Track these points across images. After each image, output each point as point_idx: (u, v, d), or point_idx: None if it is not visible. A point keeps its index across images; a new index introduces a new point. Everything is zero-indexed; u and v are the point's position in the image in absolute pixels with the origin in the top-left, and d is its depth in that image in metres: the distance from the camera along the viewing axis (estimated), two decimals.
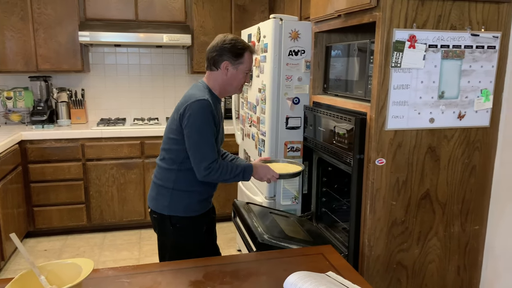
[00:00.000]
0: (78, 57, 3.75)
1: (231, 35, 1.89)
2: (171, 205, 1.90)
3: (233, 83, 1.89)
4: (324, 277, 1.42)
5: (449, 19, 1.71)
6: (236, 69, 1.87)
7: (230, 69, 1.86)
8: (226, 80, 1.88)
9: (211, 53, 1.86)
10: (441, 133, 1.80)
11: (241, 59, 1.86)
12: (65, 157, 3.58)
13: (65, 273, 1.24)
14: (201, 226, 1.96)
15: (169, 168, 1.89)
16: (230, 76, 1.87)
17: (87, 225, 3.75)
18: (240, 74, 1.88)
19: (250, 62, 1.90)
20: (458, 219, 1.91)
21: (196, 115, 1.76)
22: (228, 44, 1.84)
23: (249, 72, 1.93)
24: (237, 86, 1.92)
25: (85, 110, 4.03)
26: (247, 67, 1.89)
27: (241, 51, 1.85)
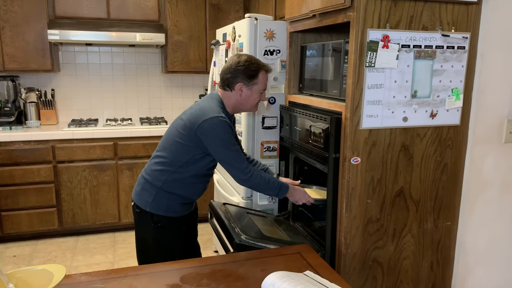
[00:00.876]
0: (48, 56, 3.64)
1: (246, 56, 1.88)
2: (154, 203, 1.92)
3: (247, 104, 1.91)
4: (302, 277, 1.42)
5: (421, 20, 1.74)
6: (250, 90, 1.88)
7: (244, 90, 1.88)
8: (240, 100, 1.90)
9: (226, 74, 1.88)
10: (414, 132, 1.84)
11: (255, 80, 1.87)
12: (35, 160, 3.47)
13: (35, 280, 1.19)
14: (181, 226, 1.98)
15: (163, 169, 1.90)
16: (244, 96, 1.89)
17: (58, 229, 3.64)
18: (254, 94, 1.90)
19: (265, 81, 1.90)
20: (431, 216, 1.95)
21: (219, 130, 1.79)
22: (242, 66, 1.85)
23: (264, 90, 1.93)
24: (251, 105, 1.94)
25: (55, 110, 3.92)
26: (262, 87, 1.90)
27: (255, 72, 1.86)
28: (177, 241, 1.99)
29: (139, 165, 3.71)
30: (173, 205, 1.93)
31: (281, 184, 1.92)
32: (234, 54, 1.93)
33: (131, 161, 3.69)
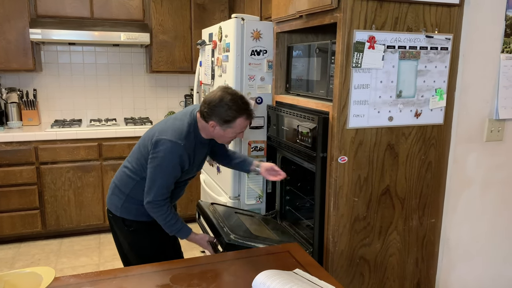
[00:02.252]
0: (29, 56, 3.57)
1: (230, 96, 1.74)
2: (123, 208, 1.94)
3: (218, 139, 1.86)
4: (292, 275, 1.43)
5: (405, 21, 1.78)
6: (223, 130, 1.79)
7: (217, 128, 1.79)
8: (212, 134, 1.83)
9: (204, 105, 1.77)
10: (399, 131, 1.87)
11: (231, 124, 1.77)
12: (17, 161, 3.41)
13: (24, 283, 1.18)
14: (154, 230, 1.92)
15: (130, 176, 1.92)
16: (217, 133, 1.82)
17: (42, 232, 3.58)
18: (228, 134, 1.81)
19: (243, 127, 1.81)
20: (416, 213, 1.99)
21: (165, 155, 1.75)
22: (221, 107, 1.73)
23: (240, 132, 1.84)
24: (223, 141, 1.88)
25: (37, 111, 3.85)
26: (237, 131, 1.81)
27: (232, 118, 1.75)
28: (152, 245, 1.96)
29: None
30: (143, 210, 1.88)
31: (182, 228, 1.87)
32: (222, 86, 1.80)
33: (116, 162, 3.65)
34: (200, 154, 1.92)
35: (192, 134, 1.83)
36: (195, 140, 1.84)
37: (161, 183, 1.79)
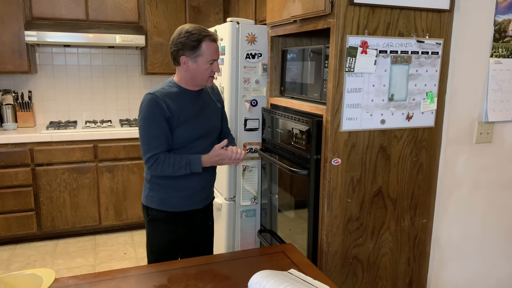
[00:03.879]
0: (24, 58, 3.58)
1: (189, 25, 1.77)
2: (149, 196, 1.93)
3: (197, 77, 1.81)
4: (287, 275, 1.47)
5: (397, 27, 1.82)
6: (196, 62, 1.77)
7: (189, 64, 1.78)
8: (189, 74, 1.80)
9: (170, 48, 1.81)
10: (391, 134, 1.92)
11: (198, 51, 1.75)
12: (12, 163, 3.41)
13: (24, 285, 1.20)
14: (177, 225, 1.92)
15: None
16: (192, 70, 1.79)
17: (37, 233, 3.59)
18: (202, 67, 1.78)
19: (211, 51, 1.77)
20: (408, 214, 2.04)
21: (142, 108, 1.81)
22: (183, 37, 1.75)
23: (214, 61, 1.80)
24: (203, 79, 1.82)
25: (32, 113, 3.85)
26: (209, 57, 1.77)
27: (196, 43, 1.74)
28: (167, 238, 1.92)
29: (120, 167, 3.69)
30: (167, 198, 1.88)
31: (190, 160, 1.81)
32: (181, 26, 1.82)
33: (112, 163, 3.67)
34: (191, 107, 1.85)
35: (173, 86, 1.83)
36: (177, 90, 1.83)
37: (150, 135, 1.78)
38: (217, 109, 2.01)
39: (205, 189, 1.98)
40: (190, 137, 1.85)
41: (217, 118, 1.99)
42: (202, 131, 1.88)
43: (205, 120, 1.90)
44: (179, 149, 1.85)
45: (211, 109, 1.95)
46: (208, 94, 1.96)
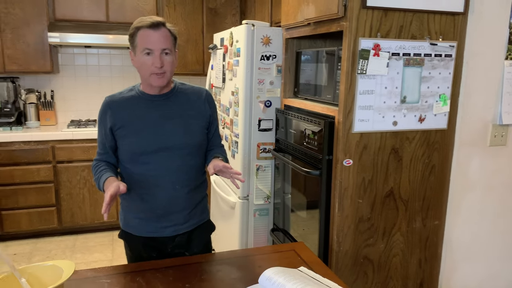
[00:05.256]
0: (47, 58, 3.70)
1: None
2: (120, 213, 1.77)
3: (142, 73, 1.56)
4: (297, 272, 1.50)
5: (410, 29, 1.83)
6: (135, 54, 1.54)
7: (134, 58, 1.56)
8: (138, 70, 1.57)
9: None
10: (403, 135, 1.93)
11: (134, 42, 1.52)
12: (35, 160, 3.53)
13: (46, 276, 1.26)
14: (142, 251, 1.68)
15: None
16: (136, 64, 1.56)
17: (58, 228, 3.71)
18: (140, 59, 1.51)
19: (145, 39, 1.49)
20: (419, 215, 2.05)
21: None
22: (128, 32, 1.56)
23: (151, 51, 1.50)
24: (145, 74, 1.54)
25: (54, 111, 3.98)
26: (142, 46, 1.50)
27: (132, 33, 1.53)
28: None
29: None
30: (129, 218, 1.69)
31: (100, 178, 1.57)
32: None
33: None
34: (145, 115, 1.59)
35: (132, 90, 1.64)
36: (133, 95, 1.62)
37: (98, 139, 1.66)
38: (196, 120, 1.66)
39: (169, 215, 1.65)
40: (139, 150, 1.57)
41: (190, 131, 1.63)
42: (159, 144, 1.57)
43: (166, 131, 1.58)
44: (130, 164, 1.61)
45: (181, 120, 1.62)
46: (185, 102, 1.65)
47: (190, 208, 1.69)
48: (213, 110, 1.73)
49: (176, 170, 1.61)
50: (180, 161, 1.61)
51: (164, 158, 1.58)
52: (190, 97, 1.67)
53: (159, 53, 1.50)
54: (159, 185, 1.60)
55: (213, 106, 1.74)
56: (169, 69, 1.54)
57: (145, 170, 1.59)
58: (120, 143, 1.60)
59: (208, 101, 1.71)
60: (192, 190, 1.67)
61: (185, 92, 1.67)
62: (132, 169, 1.61)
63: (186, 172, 1.64)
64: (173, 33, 1.57)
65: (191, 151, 1.64)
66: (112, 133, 1.60)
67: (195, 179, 1.69)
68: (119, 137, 1.59)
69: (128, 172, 1.63)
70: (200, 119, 1.66)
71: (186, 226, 1.69)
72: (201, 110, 1.67)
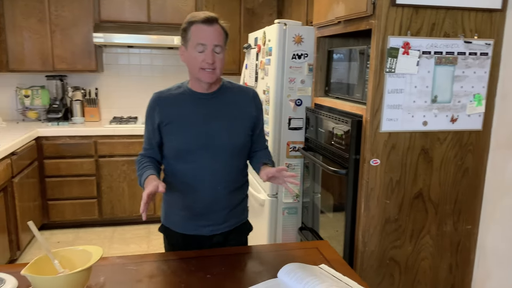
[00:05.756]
0: (93, 58, 3.90)
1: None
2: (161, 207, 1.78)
3: (191, 69, 1.54)
4: (316, 269, 1.51)
5: (442, 27, 1.79)
6: (187, 49, 1.52)
7: (184, 53, 1.55)
8: (187, 66, 1.56)
9: None
10: (434, 136, 1.88)
11: (187, 36, 1.50)
12: (79, 154, 3.73)
13: (76, 259, 1.35)
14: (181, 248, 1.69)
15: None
16: (186, 59, 1.54)
17: (98, 219, 3.90)
18: (192, 54, 1.49)
19: (199, 34, 1.47)
20: (450, 219, 1.99)
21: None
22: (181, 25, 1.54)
23: (203, 46, 1.47)
24: (194, 69, 1.52)
25: (98, 108, 4.18)
26: (195, 40, 1.47)
27: (185, 27, 1.50)
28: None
29: None
30: (168, 211, 1.71)
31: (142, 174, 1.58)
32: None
33: None
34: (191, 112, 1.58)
35: (181, 87, 1.65)
36: (181, 92, 1.63)
37: (144, 138, 1.70)
38: (241, 121, 1.63)
39: (208, 214, 1.65)
40: (184, 148, 1.58)
41: (234, 132, 1.61)
42: (203, 143, 1.57)
43: (210, 131, 1.57)
44: (174, 161, 1.63)
45: (226, 120, 1.60)
46: (232, 102, 1.63)
47: (229, 208, 1.67)
48: (259, 112, 1.69)
49: (218, 170, 1.60)
50: (223, 161, 1.60)
51: (207, 157, 1.58)
52: (236, 97, 1.64)
53: (211, 48, 1.48)
54: (200, 183, 1.60)
55: (260, 108, 1.69)
56: (219, 66, 1.52)
57: (188, 168, 1.59)
58: (166, 140, 1.60)
59: (255, 102, 1.67)
60: (233, 190, 1.66)
61: (232, 92, 1.64)
62: (176, 165, 1.62)
63: (229, 173, 1.63)
64: (225, 30, 1.55)
65: (234, 151, 1.62)
66: (159, 130, 1.60)
67: (237, 180, 1.68)
68: (166, 133, 1.59)
69: (172, 168, 1.64)
70: (245, 120, 1.63)
71: (224, 226, 1.69)
72: (246, 111, 1.64)
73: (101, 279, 1.42)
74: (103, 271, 1.48)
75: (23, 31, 3.72)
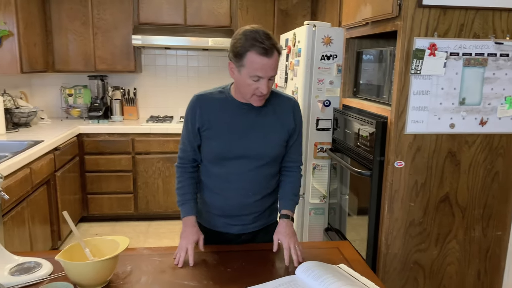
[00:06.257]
0: (131, 59, 4.07)
1: (249, 27, 1.45)
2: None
3: (241, 89, 1.51)
4: (335, 268, 1.53)
5: (472, 28, 1.76)
6: (239, 72, 1.46)
7: (235, 72, 1.49)
8: (236, 83, 1.54)
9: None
10: (462, 139, 1.85)
11: (242, 61, 1.43)
12: (117, 150, 3.91)
13: (105, 247, 1.44)
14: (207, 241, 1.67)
15: None
16: (237, 80, 1.50)
17: (134, 214, 4.06)
18: (245, 80, 1.45)
19: (256, 65, 1.41)
20: (479, 224, 1.94)
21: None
22: (233, 40, 1.46)
23: (261, 79, 1.44)
24: (245, 93, 1.50)
25: (136, 107, 4.36)
26: (252, 72, 1.42)
27: (240, 50, 1.42)
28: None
29: None
30: (202, 208, 1.73)
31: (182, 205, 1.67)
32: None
33: None
34: (232, 120, 1.58)
35: (223, 92, 1.62)
36: (223, 97, 1.60)
37: (182, 136, 1.69)
38: (277, 133, 1.61)
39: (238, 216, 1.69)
40: (221, 154, 1.60)
41: (270, 143, 1.60)
42: (239, 151, 1.58)
43: (247, 140, 1.58)
44: (209, 164, 1.65)
45: (263, 130, 1.59)
46: (271, 112, 1.61)
47: (259, 212, 1.71)
48: (297, 123, 1.65)
49: (251, 177, 1.62)
50: (256, 170, 1.61)
51: (241, 165, 1.60)
52: (276, 107, 1.61)
53: (267, 79, 1.45)
54: (233, 189, 1.63)
55: (298, 118, 1.66)
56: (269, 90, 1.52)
57: (222, 173, 1.62)
58: (203, 143, 1.62)
59: (294, 113, 1.64)
60: (264, 196, 1.68)
61: (273, 102, 1.61)
62: (211, 169, 1.65)
63: (260, 181, 1.65)
64: (280, 53, 1.48)
65: (268, 161, 1.63)
66: (199, 133, 1.61)
67: (269, 187, 1.69)
68: (204, 137, 1.61)
69: (207, 170, 1.67)
70: (281, 132, 1.62)
71: (253, 227, 1.73)
72: (284, 122, 1.62)
73: (128, 268, 1.51)
74: (130, 260, 1.57)
75: (68, 34, 3.94)
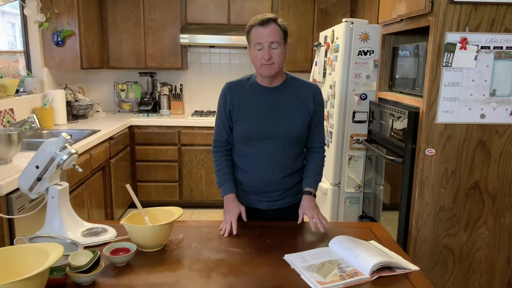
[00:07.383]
0: (179, 57, 4.34)
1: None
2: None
3: (254, 64, 1.74)
4: (366, 243, 1.67)
5: (503, 23, 1.84)
6: (250, 49, 1.73)
7: (249, 52, 1.75)
8: (251, 61, 1.76)
9: None
10: (492, 129, 1.93)
11: (249, 38, 1.72)
12: (164, 142, 4.19)
13: (162, 216, 1.66)
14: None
15: None
16: (250, 57, 1.75)
17: (179, 201, 4.33)
18: (253, 53, 1.71)
19: (256, 35, 1.67)
20: (509, 211, 2.01)
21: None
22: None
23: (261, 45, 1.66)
24: (257, 66, 1.72)
25: (182, 102, 4.63)
26: (254, 41, 1.68)
27: (247, 30, 1.73)
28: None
29: None
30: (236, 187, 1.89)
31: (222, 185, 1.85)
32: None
33: None
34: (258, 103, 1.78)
35: (250, 78, 1.83)
36: (250, 83, 1.81)
37: (215, 122, 1.87)
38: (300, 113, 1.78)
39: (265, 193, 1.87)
40: (248, 134, 1.79)
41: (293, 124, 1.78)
42: (265, 131, 1.77)
43: (271, 121, 1.77)
44: (239, 144, 1.85)
45: (286, 112, 1.77)
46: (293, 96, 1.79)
47: (284, 189, 1.87)
48: (318, 107, 1.81)
49: (276, 155, 1.79)
50: (281, 149, 1.79)
51: (267, 145, 1.77)
52: (297, 91, 1.79)
53: (267, 46, 1.65)
54: (260, 167, 1.82)
55: (319, 104, 1.81)
56: (278, 60, 1.68)
57: (250, 152, 1.81)
58: (234, 125, 1.82)
59: (314, 98, 1.80)
60: (288, 174, 1.84)
61: (294, 86, 1.80)
62: (241, 148, 1.84)
63: (285, 159, 1.82)
64: (282, 27, 1.71)
65: (291, 141, 1.79)
66: (230, 116, 1.81)
67: (293, 166, 1.86)
68: (234, 120, 1.80)
69: (238, 150, 1.88)
70: (304, 113, 1.78)
71: (279, 203, 1.89)
72: (306, 105, 1.78)
73: (180, 236, 1.72)
74: (182, 230, 1.78)
75: (122, 33, 4.26)
